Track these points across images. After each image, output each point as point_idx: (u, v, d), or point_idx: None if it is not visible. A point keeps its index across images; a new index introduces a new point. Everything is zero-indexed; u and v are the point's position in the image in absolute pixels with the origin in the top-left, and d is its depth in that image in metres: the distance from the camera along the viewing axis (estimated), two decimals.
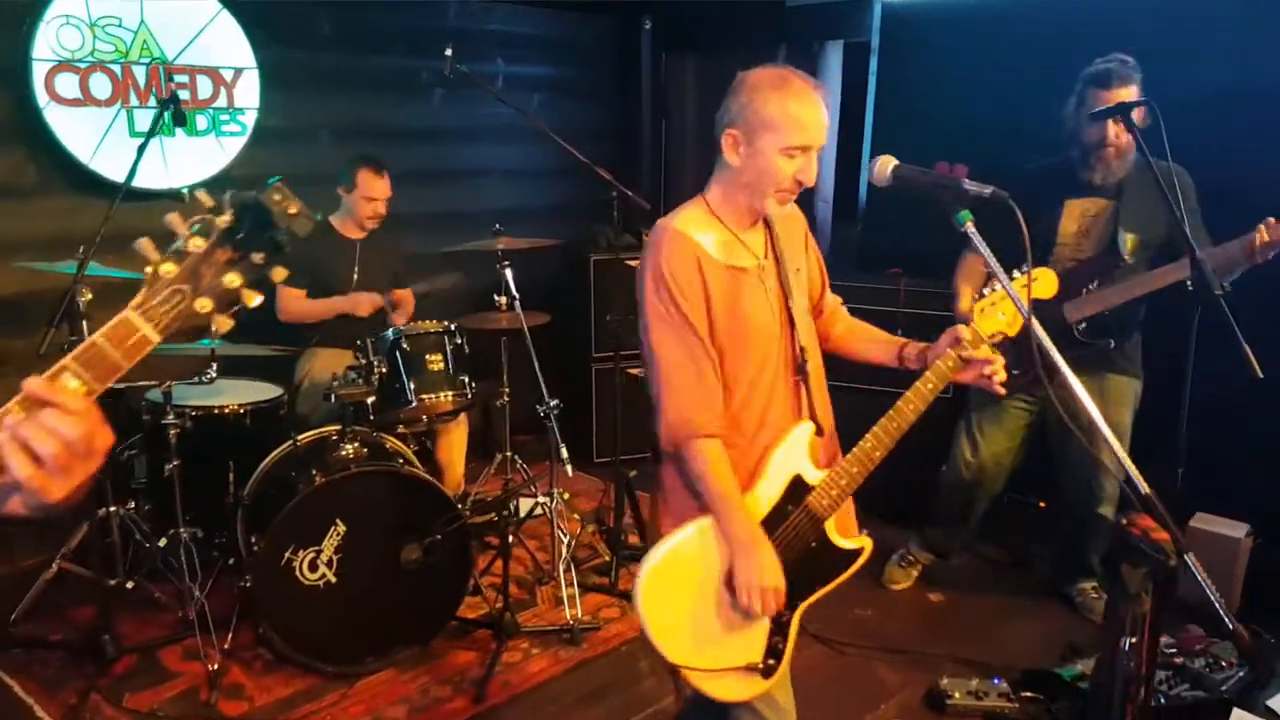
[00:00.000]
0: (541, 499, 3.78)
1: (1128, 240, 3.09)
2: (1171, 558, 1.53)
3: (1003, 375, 1.98)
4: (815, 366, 2.09)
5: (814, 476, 1.99)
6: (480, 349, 3.74)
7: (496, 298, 3.62)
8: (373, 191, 3.90)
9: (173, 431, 3.18)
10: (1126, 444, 3.23)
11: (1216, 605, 1.53)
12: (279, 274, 1.13)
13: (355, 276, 3.98)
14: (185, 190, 4.08)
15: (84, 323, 3.23)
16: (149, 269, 1.07)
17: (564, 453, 3.40)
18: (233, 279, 1.10)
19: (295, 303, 3.97)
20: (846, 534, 2.07)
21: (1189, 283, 2.51)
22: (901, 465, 2.26)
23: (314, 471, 3.06)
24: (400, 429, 3.59)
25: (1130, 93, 2.91)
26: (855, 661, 3.29)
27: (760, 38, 5.21)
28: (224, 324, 1.11)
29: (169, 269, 1.07)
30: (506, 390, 3.80)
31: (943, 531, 3.73)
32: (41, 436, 0.97)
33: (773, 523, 1.96)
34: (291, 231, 1.12)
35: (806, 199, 3.00)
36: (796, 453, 2.00)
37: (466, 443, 4.09)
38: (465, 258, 3.83)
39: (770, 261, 2.03)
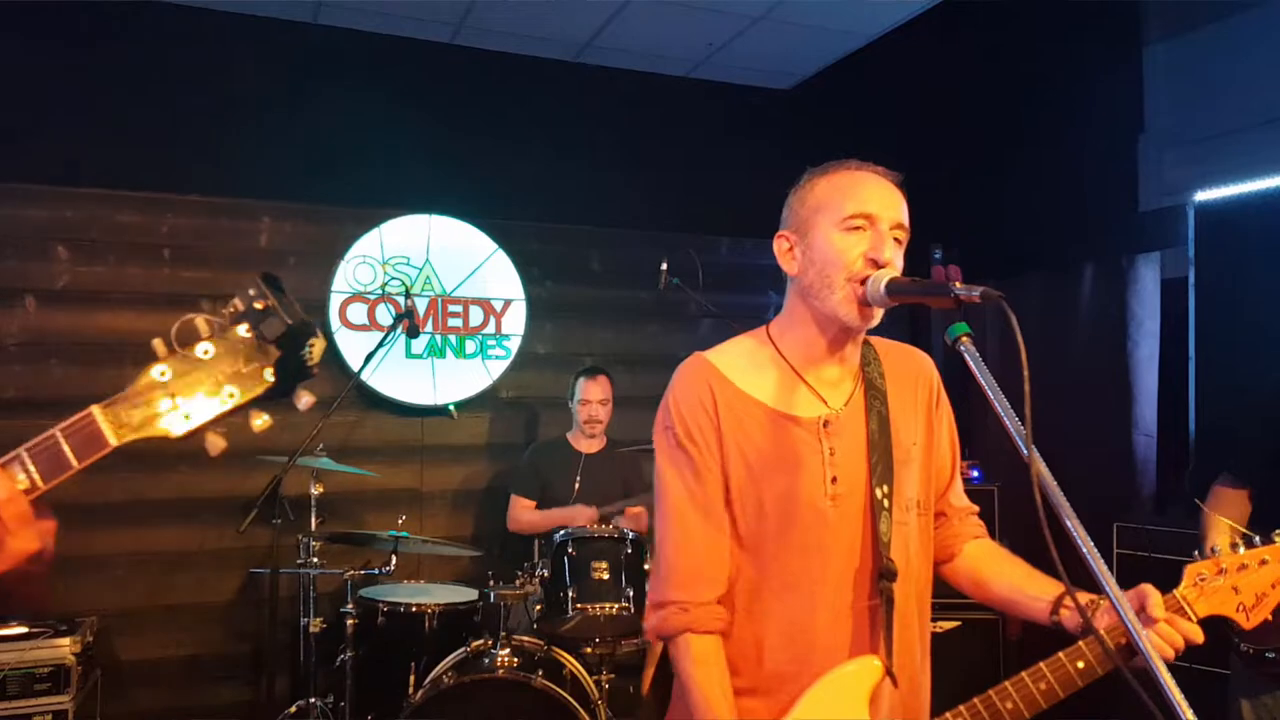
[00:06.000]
0: None
1: None
2: None
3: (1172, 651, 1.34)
4: (909, 584, 1.49)
5: None
6: None
7: None
8: (586, 394, 3.99)
9: (350, 622, 3.25)
10: None
11: None
12: (259, 422, 1.02)
13: (576, 487, 3.97)
14: (450, 407, 4.44)
15: (311, 512, 3.57)
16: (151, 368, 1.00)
17: None
18: (232, 392, 1.00)
19: (523, 513, 4.04)
20: None
21: None
22: None
23: (448, 675, 2.92)
24: (587, 650, 3.36)
25: None
26: None
27: (1067, 256, 4.69)
28: (216, 443, 1.02)
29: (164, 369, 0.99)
30: None
31: None
32: None
33: None
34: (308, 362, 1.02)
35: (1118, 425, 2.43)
36: (848, 697, 1.41)
37: None
38: None
39: (853, 414, 1.51)
